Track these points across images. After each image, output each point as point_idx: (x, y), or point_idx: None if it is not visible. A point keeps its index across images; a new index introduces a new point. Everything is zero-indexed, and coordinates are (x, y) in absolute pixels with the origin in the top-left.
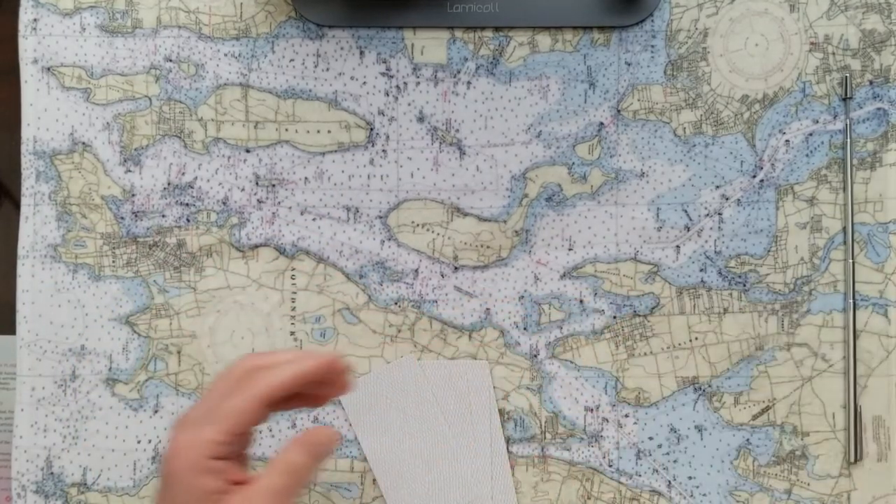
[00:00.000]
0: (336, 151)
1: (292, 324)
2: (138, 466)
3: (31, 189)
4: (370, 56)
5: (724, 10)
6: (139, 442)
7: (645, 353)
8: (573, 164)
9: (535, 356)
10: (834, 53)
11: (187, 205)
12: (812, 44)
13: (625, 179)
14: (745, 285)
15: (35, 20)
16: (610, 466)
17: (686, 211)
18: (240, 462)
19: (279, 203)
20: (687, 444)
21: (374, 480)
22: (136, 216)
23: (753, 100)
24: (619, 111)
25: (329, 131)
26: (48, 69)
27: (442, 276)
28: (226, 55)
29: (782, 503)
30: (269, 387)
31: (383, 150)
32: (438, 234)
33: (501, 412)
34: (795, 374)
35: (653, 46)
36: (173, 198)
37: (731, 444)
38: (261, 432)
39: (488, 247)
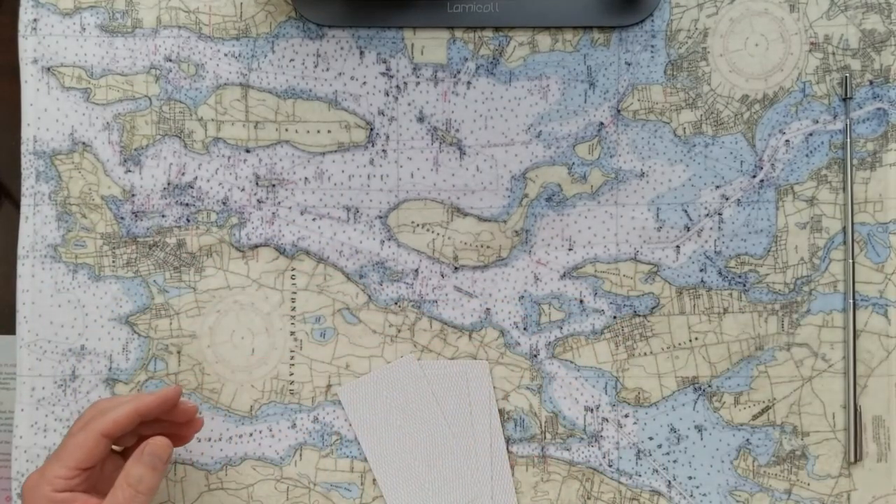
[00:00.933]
0: (336, 151)
1: (292, 324)
2: None
3: (31, 189)
4: (370, 56)
5: (724, 10)
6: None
7: (645, 353)
8: (573, 164)
9: (535, 356)
10: (834, 53)
11: (187, 205)
12: (812, 44)
13: (625, 179)
14: (745, 285)
15: (35, 20)
16: (610, 466)
17: (686, 211)
18: (93, 493)
19: (279, 203)
20: (687, 444)
21: (374, 480)
22: (136, 216)
23: (753, 100)
24: (619, 111)
25: (329, 131)
26: (48, 69)
27: (442, 276)
28: (226, 55)
29: (782, 503)
30: (108, 422)
31: (383, 150)
32: (438, 234)
33: (501, 412)
34: (795, 374)
35: (653, 46)
36: (173, 198)
37: (731, 444)
38: (261, 433)
39: (488, 247)
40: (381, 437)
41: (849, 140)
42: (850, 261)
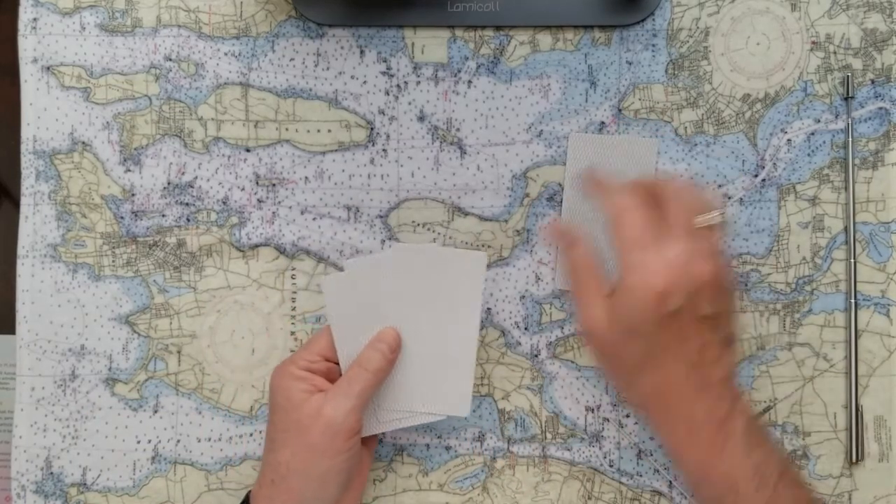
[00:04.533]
0: (336, 151)
1: (292, 323)
2: (138, 466)
3: (31, 188)
4: (370, 55)
5: (726, 9)
6: (139, 442)
7: None
8: None
9: (536, 356)
10: (835, 52)
11: (187, 204)
12: (813, 43)
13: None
14: (746, 285)
15: (35, 19)
16: (611, 466)
17: None
18: (328, 379)
19: (279, 203)
20: None
21: (374, 483)
22: (135, 216)
23: (755, 99)
24: (620, 110)
25: (329, 131)
26: (48, 68)
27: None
28: (226, 54)
29: None
30: None
31: (384, 150)
32: (439, 233)
33: (502, 412)
34: (797, 374)
35: (654, 45)
36: (173, 197)
37: None
38: (261, 433)
39: (489, 246)
40: (354, 330)
41: (850, 139)
42: (852, 260)
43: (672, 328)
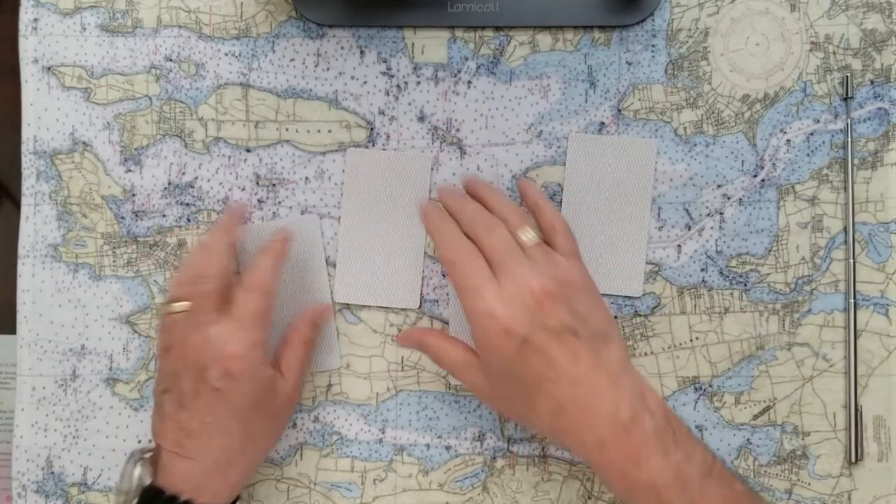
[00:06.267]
0: (337, 151)
1: None
2: None
3: (32, 189)
4: (370, 55)
5: (725, 10)
6: (139, 441)
7: (646, 353)
8: None
9: None
10: (835, 53)
11: (188, 204)
12: (813, 43)
13: None
14: (746, 285)
15: (35, 20)
16: None
17: (687, 210)
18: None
19: (280, 203)
20: None
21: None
22: (136, 216)
23: (754, 99)
24: (619, 111)
25: (329, 131)
26: (48, 69)
27: (443, 275)
28: (226, 55)
29: (783, 503)
30: None
31: (384, 150)
32: None
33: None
34: (796, 374)
35: (653, 46)
36: (174, 197)
37: (732, 444)
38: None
39: None
40: (363, 214)
41: (850, 140)
42: (851, 260)
43: (531, 357)
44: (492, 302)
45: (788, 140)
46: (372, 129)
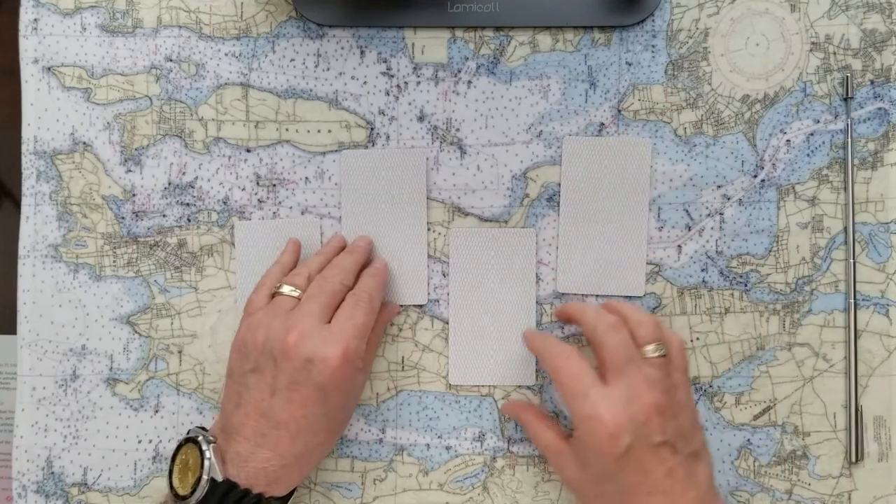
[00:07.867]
0: (337, 151)
1: None
2: (139, 466)
3: (32, 189)
4: (371, 56)
5: (725, 10)
6: (140, 442)
7: None
8: None
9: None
10: (835, 53)
11: (188, 204)
12: (813, 43)
13: None
14: (746, 285)
15: (36, 20)
16: None
17: (687, 211)
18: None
19: (280, 203)
20: None
21: (374, 481)
22: (136, 216)
23: (754, 99)
24: (619, 111)
25: (329, 131)
26: (49, 69)
27: (443, 275)
28: (226, 55)
29: (783, 503)
30: None
31: (377, 150)
32: (439, 233)
33: (502, 412)
34: (796, 374)
35: (653, 46)
36: (174, 197)
37: (732, 444)
38: None
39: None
40: (363, 215)
41: (850, 140)
42: (852, 261)
43: (631, 464)
44: (600, 406)
45: (788, 140)
46: (372, 129)
